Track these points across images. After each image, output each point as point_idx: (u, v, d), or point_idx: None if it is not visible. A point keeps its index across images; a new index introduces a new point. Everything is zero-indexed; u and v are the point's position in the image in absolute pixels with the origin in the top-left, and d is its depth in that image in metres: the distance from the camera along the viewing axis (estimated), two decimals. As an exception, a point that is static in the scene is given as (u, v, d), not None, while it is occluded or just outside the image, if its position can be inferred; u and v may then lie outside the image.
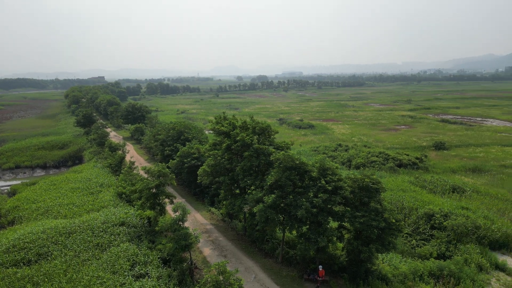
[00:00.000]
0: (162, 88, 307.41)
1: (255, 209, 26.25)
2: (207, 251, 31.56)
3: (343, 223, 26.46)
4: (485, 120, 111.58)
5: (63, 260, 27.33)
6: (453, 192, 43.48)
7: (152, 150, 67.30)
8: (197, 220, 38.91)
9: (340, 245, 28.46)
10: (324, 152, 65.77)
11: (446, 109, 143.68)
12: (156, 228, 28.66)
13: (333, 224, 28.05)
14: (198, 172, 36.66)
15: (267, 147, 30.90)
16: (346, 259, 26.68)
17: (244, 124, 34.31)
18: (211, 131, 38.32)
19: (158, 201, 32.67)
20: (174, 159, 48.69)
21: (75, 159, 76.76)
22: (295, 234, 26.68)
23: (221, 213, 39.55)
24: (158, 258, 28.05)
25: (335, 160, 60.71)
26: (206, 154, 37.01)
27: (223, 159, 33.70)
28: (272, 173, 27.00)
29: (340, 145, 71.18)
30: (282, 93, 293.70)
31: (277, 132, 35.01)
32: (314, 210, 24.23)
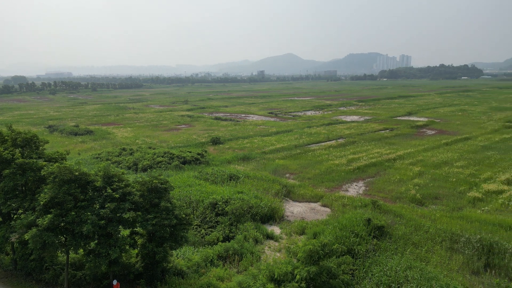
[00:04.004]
0: None
1: (26, 236, 21.98)
2: (-42, 304, 24.21)
3: (135, 229, 25.81)
4: (247, 116, 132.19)
5: None
6: (230, 180, 49.55)
7: None
8: None
9: (134, 251, 27.65)
10: (108, 158, 61.89)
11: (217, 108, 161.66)
12: None
13: (125, 232, 26.92)
14: None
15: (35, 160, 26.31)
16: (142, 265, 26.20)
17: (0, 136, 28.02)
18: None
19: None
20: None
21: None
22: (83, 253, 24.07)
23: (-24, 251, 31.05)
24: None
25: (120, 165, 58.17)
26: None
27: (-28, 182, 26.46)
28: (46, 190, 23.29)
29: (124, 149, 68.61)
30: (49, 97, 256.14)
31: (47, 142, 30.33)
32: (102, 222, 22.52)
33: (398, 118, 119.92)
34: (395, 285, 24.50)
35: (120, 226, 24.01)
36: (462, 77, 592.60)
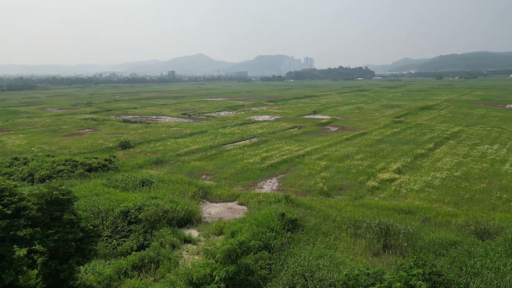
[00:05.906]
0: None
1: None
2: None
3: (34, 247, 23.03)
4: (159, 118, 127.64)
5: None
6: (143, 185, 47.30)
7: None
8: None
9: (34, 272, 24.65)
10: (-5, 170, 54.08)
11: (126, 110, 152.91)
12: None
13: (22, 252, 23.86)
14: None
15: None
16: (44, 286, 23.48)
17: None
18: None
19: None
20: None
21: None
22: (-33, 282, 20.66)
23: None
24: None
25: (12, 177, 51.31)
26: None
27: None
28: None
29: (16, 158, 60.64)
30: None
31: None
32: (-9, 243, 19.62)
33: (305, 116, 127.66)
34: (309, 274, 26.05)
35: (15, 246, 21.22)
36: (358, 78, 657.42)
